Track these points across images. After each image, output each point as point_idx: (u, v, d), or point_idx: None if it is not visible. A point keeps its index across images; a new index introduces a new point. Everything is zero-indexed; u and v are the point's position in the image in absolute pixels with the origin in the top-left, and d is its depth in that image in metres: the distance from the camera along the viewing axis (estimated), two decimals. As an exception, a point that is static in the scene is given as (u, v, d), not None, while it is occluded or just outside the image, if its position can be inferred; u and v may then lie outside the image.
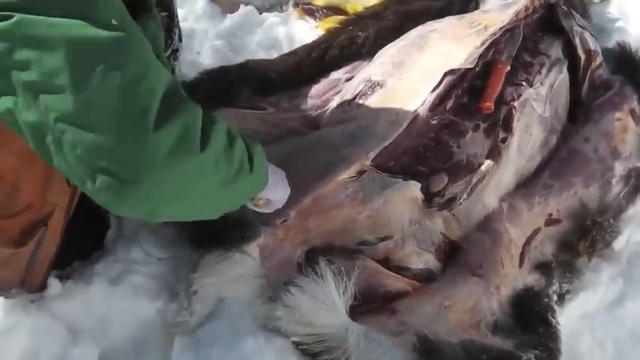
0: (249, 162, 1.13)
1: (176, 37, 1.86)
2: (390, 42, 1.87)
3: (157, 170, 0.98)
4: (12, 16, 0.92)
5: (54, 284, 1.39)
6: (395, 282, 1.46)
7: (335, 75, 1.85)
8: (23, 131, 0.98)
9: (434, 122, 1.58)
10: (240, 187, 1.14)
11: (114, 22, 0.96)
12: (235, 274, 1.39)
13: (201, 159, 1.02)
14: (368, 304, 1.42)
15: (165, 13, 1.76)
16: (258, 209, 1.30)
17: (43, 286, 1.38)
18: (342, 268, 1.37)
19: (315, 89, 1.81)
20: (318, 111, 1.74)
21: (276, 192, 1.30)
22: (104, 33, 0.94)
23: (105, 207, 1.05)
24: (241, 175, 1.12)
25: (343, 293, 1.36)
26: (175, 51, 1.85)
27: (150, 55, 1.01)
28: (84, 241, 1.49)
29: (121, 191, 0.98)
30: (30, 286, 1.36)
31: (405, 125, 1.53)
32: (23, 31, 0.92)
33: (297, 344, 1.36)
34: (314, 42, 1.97)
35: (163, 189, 1.01)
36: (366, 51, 1.92)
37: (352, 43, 1.94)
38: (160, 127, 0.96)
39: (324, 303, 1.34)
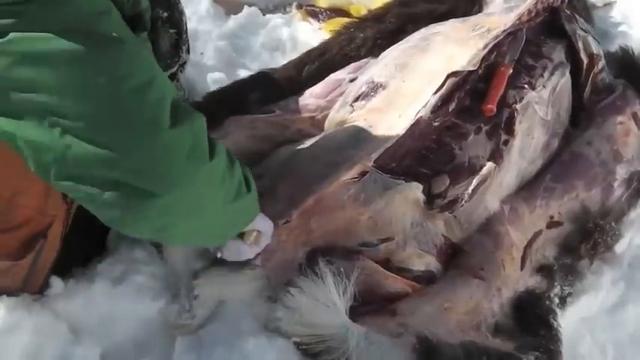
0: (246, 183, 1.17)
1: (184, 54, 1.86)
2: (391, 44, 1.88)
3: (179, 176, 0.99)
4: (6, 34, 0.90)
5: (56, 283, 1.39)
6: (395, 283, 1.46)
7: (339, 75, 1.85)
8: (23, 150, 0.97)
9: (436, 124, 1.58)
10: (240, 208, 1.18)
11: (114, 34, 0.96)
12: (237, 280, 1.39)
13: (211, 168, 1.04)
14: (368, 305, 1.42)
15: (174, 30, 1.77)
16: (247, 246, 1.32)
17: (43, 288, 1.38)
18: (342, 269, 1.37)
19: (320, 89, 1.82)
20: (324, 112, 1.75)
21: (264, 222, 1.33)
22: (106, 45, 0.94)
23: (111, 225, 1.05)
24: (241, 195, 1.15)
25: (343, 294, 1.35)
26: (183, 64, 1.86)
27: (153, 63, 1.02)
28: (84, 246, 1.49)
29: (133, 205, 0.99)
30: (31, 290, 1.37)
31: (407, 127, 1.53)
32: (20, 48, 0.91)
33: (297, 345, 1.36)
34: (317, 45, 1.99)
35: (181, 200, 1.02)
36: (365, 52, 1.92)
37: (350, 44, 1.95)
38: (175, 126, 0.97)
39: (324, 304, 1.34)
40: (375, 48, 1.94)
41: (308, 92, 1.82)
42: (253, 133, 1.68)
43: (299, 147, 1.59)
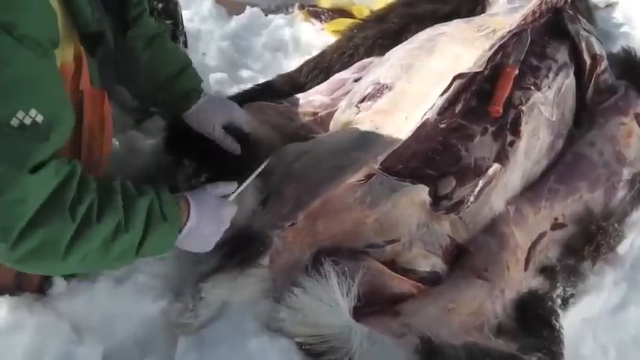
0: (139, 247, 1.17)
1: (181, 45, 1.86)
2: (394, 44, 1.89)
3: (12, 264, 1.06)
4: None
5: (58, 282, 1.39)
6: (399, 284, 1.46)
7: (343, 74, 1.86)
8: None
9: (442, 126, 1.58)
10: (122, 263, 1.23)
11: (14, 121, 0.96)
12: (245, 283, 1.39)
13: (61, 263, 1.09)
14: (372, 306, 1.42)
15: (170, 21, 1.77)
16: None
17: (40, 288, 1.38)
18: (346, 269, 1.37)
19: (325, 87, 1.83)
20: (328, 110, 1.76)
21: (193, 247, 1.31)
22: None
23: None
24: (123, 258, 1.18)
25: (347, 294, 1.35)
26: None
27: (34, 178, 1.02)
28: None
29: None
30: (28, 288, 1.36)
31: (413, 129, 1.53)
32: None
33: (300, 345, 1.35)
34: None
35: (25, 270, 1.13)
36: (364, 51, 1.93)
37: (349, 43, 1.96)
38: (19, 242, 1.03)
39: (328, 304, 1.34)
40: (376, 48, 1.94)
41: (313, 90, 1.83)
42: (265, 119, 1.70)
43: (305, 149, 1.59)
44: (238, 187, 1.37)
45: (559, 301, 1.55)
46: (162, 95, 1.54)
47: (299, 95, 1.83)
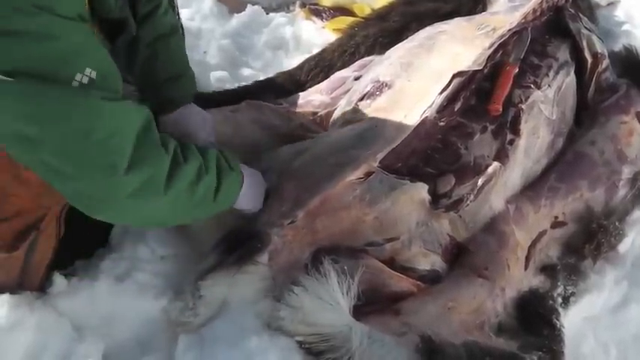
0: (215, 193, 1.27)
1: None
2: (394, 42, 1.89)
3: (118, 206, 1.14)
4: None
5: (59, 281, 1.39)
6: (399, 282, 1.46)
7: (343, 73, 1.86)
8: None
9: (442, 124, 1.58)
10: (201, 211, 1.31)
11: (75, 83, 1.03)
12: (244, 281, 1.39)
13: (162, 198, 1.17)
14: (372, 304, 1.41)
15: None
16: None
17: (41, 287, 1.38)
18: (346, 268, 1.37)
19: (325, 86, 1.83)
20: (327, 109, 1.76)
21: (248, 204, 1.41)
22: (60, 93, 1.03)
23: None
24: (204, 204, 1.27)
25: (347, 293, 1.35)
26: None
27: (116, 107, 1.09)
28: (87, 239, 1.49)
29: (92, 210, 1.16)
30: (28, 288, 1.37)
31: (413, 127, 1.53)
32: None
33: (300, 343, 1.35)
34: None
35: (123, 217, 1.23)
36: (364, 50, 1.93)
37: (350, 42, 1.96)
38: (128, 173, 1.10)
39: (328, 302, 1.33)
40: (377, 46, 1.94)
41: (313, 89, 1.83)
42: (259, 118, 1.71)
43: (304, 146, 1.59)
44: None
45: (560, 299, 1.55)
46: (150, 93, 1.55)
47: (299, 95, 1.83)
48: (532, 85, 1.70)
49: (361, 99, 1.68)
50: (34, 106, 1.02)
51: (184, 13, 2.30)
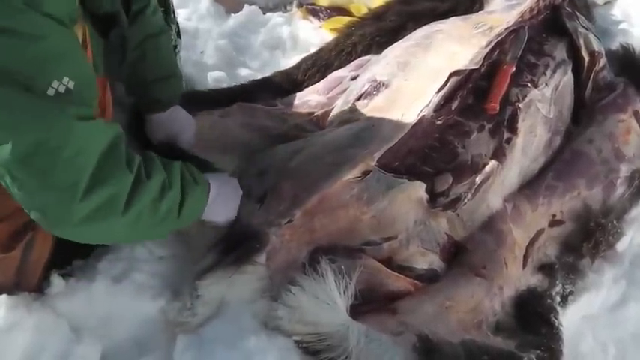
0: (180, 208, 1.24)
1: (173, 33, 1.85)
2: (391, 42, 1.89)
3: (72, 227, 1.12)
4: None
5: (57, 281, 1.39)
6: (396, 281, 1.46)
7: (340, 72, 1.86)
8: None
9: (439, 123, 1.58)
10: (164, 228, 1.28)
11: (49, 92, 1.02)
12: (241, 281, 1.39)
13: (120, 220, 1.15)
14: (369, 304, 1.42)
15: (162, 9, 1.76)
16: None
17: (39, 288, 1.38)
18: (343, 267, 1.37)
19: (322, 86, 1.83)
20: (324, 109, 1.76)
21: (218, 216, 1.40)
22: (35, 102, 1.01)
23: None
24: (167, 221, 1.24)
25: (344, 292, 1.35)
26: (174, 47, 1.85)
27: (87, 127, 1.07)
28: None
29: (49, 228, 1.14)
30: (25, 288, 1.37)
31: (410, 126, 1.53)
32: None
33: (297, 342, 1.35)
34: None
35: (79, 237, 1.18)
36: (362, 49, 1.93)
37: (347, 41, 1.96)
38: (86, 196, 1.08)
39: (325, 302, 1.33)
40: (374, 45, 1.94)
41: (310, 89, 1.83)
42: (250, 122, 1.71)
43: (301, 146, 1.59)
44: None
45: (558, 298, 1.55)
46: (137, 92, 1.55)
47: (295, 95, 1.83)
48: (529, 84, 1.70)
49: (358, 98, 1.68)
50: (5, 112, 1.00)
51: (181, 13, 2.30)
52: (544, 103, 1.72)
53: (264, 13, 2.45)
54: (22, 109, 1.01)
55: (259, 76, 2.05)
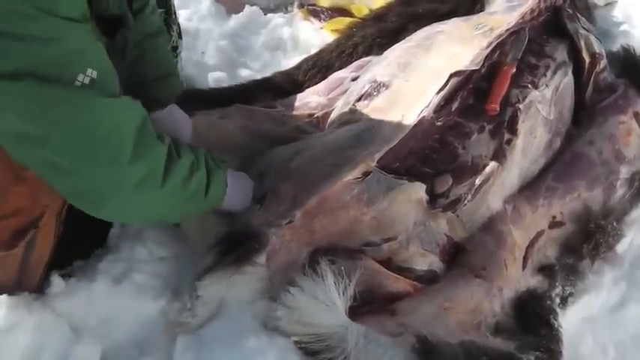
0: (206, 190, 1.30)
1: (175, 34, 1.85)
2: (392, 43, 1.89)
3: (120, 200, 1.17)
4: None
5: (57, 282, 1.39)
6: (395, 282, 1.46)
7: (341, 73, 1.86)
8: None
9: (439, 124, 1.58)
10: (193, 207, 1.34)
11: (77, 83, 1.06)
12: (241, 281, 1.39)
13: (160, 192, 1.20)
14: (368, 305, 1.41)
15: (162, 9, 1.77)
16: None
17: (40, 288, 1.39)
18: (343, 269, 1.37)
19: (322, 87, 1.83)
20: (324, 110, 1.76)
21: (234, 203, 1.44)
22: (63, 94, 1.05)
23: None
24: (196, 200, 1.30)
25: (343, 293, 1.35)
26: (175, 48, 1.85)
27: (112, 105, 1.12)
28: (85, 239, 1.49)
29: (93, 208, 1.19)
30: (26, 288, 1.37)
31: (410, 127, 1.53)
32: None
33: (296, 343, 1.35)
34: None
35: (123, 213, 1.24)
36: (362, 50, 1.93)
37: (347, 42, 1.96)
38: (131, 164, 1.14)
39: (324, 303, 1.33)
40: (375, 46, 1.95)
41: (310, 90, 1.83)
42: (247, 125, 1.72)
43: (301, 147, 1.59)
44: None
45: (558, 299, 1.55)
46: (135, 91, 1.55)
47: (295, 97, 1.83)
48: (529, 85, 1.70)
49: (359, 99, 1.68)
50: (37, 106, 1.04)
51: (182, 14, 2.31)
52: (544, 104, 1.71)
53: (265, 14, 2.45)
54: (53, 100, 1.05)
55: (260, 77, 2.05)
